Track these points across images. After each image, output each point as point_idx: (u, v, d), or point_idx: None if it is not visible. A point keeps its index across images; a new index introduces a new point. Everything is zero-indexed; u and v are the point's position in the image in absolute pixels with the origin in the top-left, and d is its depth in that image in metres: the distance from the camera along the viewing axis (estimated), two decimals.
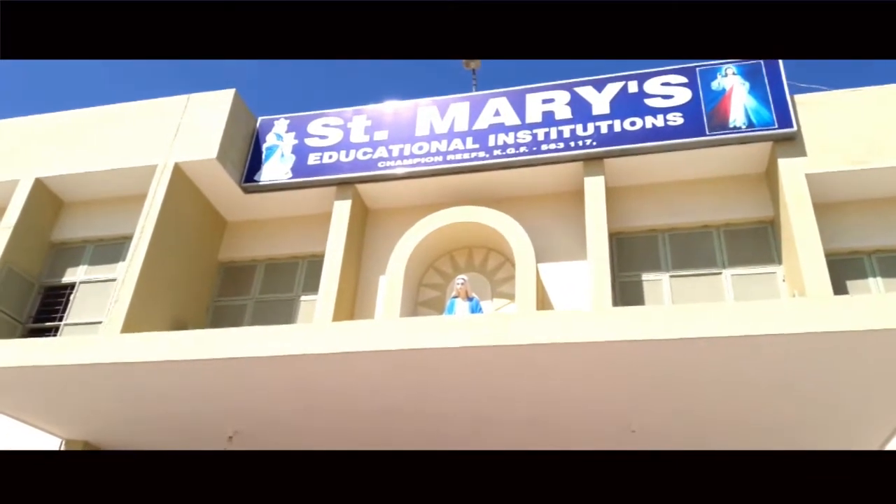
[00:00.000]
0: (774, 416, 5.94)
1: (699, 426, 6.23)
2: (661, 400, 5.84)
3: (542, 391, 5.88)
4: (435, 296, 9.59)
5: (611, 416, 6.16)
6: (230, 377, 6.05)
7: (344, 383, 6.03)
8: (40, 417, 7.23)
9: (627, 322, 5.10)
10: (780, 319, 4.80)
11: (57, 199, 10.77)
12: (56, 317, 9.89)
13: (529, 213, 9.58)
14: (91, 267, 10.30)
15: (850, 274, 8.41)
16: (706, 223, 9.14)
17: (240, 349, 5.71)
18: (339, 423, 6.78)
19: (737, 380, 5.41)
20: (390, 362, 5.64)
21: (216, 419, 6.85)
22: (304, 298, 10.08)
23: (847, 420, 5.91)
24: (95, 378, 6.27)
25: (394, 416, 6.55)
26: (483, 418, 6.42)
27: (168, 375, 6.09)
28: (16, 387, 6.58)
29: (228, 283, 10.57)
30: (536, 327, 5.27)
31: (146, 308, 9.10)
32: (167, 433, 7.34)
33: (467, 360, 5.52)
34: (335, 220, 9.81)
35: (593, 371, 5.51)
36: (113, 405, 6.80)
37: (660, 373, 5.42)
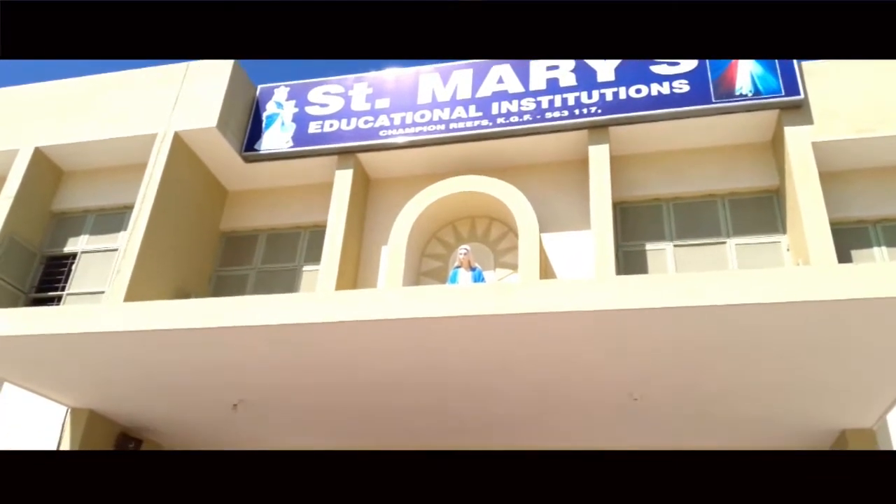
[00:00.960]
0: (776, 385, 5.95)
1: (701, 394, 6.24)
2: (663, 368, 5.84)
3: (545, 359, 5.87)
4: (437, 266, 9.58)
5: (613, 384, 6.17)
6: (234, 346, 6.06)
7: (347, 352, 6.03)
8: (46, 386, 7.25)
9: (630, 290, 5.08)
10: (783, 288, 4.76)
11: (57, 169, 10.71)
12: (59, 286, 9.90)
13: (533, 182, 9.51)
14: (92, 237, 10.28)
15: (854, 243, 8.37)
16: (711, 192, 9.08)
17: (243, 318, 5.70)
18: (343, 391, 6.80)
19: (739, 348, 5.40)
20: (393, 331, 5.63)
21: (221, 387, 6.87)
22: (306, 269, 10.07)
23: (848, 389, 5.92)
24: (99, 347, 6.27)
25: (397, 384, 6.56)
26: (486, 386, 6.44)
27: (172, 344, 6.09)
28: (21, 356, 6.60)
29: (230, 253, 10.55)
30: (539, 296, 5.24)
31: (148, 278, 9.09)
32: (172, 401, 7.37)
33: (470, 329, 5.50)
34: (337, 189, 9.75)
35: (596, 339, 5.51)
36: (117, 374, 6.81)
37: (663, 341, 5.41)
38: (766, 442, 7.16)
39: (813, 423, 6.65)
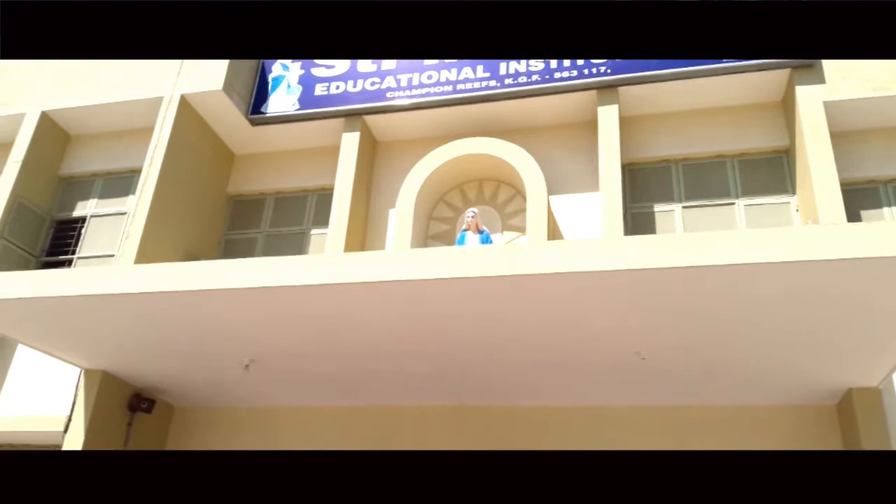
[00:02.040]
0: (783, 344, 5.97)
1: (708, 353, 6.27)
2: (670, 327, 5.87)
3: (553, 320, 5.91)
4: (445, 229, 9.58)
5: (621, 343, 6.20)
6: (244, 307, 6.11)
7: (356, 313, 6.08)
8: (59, 347, 7.35)
9: (638, 250, 5.07)
10: (791, 247, 4.75)
11: (63, 133, 10.70)
12: (69, 250, 9.96)
13: (541, 144, 9.46)
14: (101, 200, 10.31)
15: (865, 203, 8.31)
16: (720, 153, 9.01)
17: (253, 279, 5.74)
18: (352, 352, 6.87)
19: (746, 307, 5.41)
20: (401, 292, 5.67)
21: (232, 348, 6.95)
22: (314, 232, 10.09)
23: (855, 348, 5.94)
24: (112, 308, 6.34)
25: (405, 345, 6.62)
26: (494, 346, 6.49)
27: (184, 305, 6.15)
28: (34, 317, 6.68)
29: (238, 217, 10.58)
30: (547, 256, 5.25)
31: (158, 242, 9.14)
32: (184, 362, 7.46)
33: (478, 290, 5.53)
34: (343, 152, 9.72)
35: (604, 299, 5.53)
36: (130, 335, 6.89)
37: (670, 300, 5.43)
38: (772, 401, 7.22)
39: (819, 381, 6.70)
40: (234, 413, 8.77)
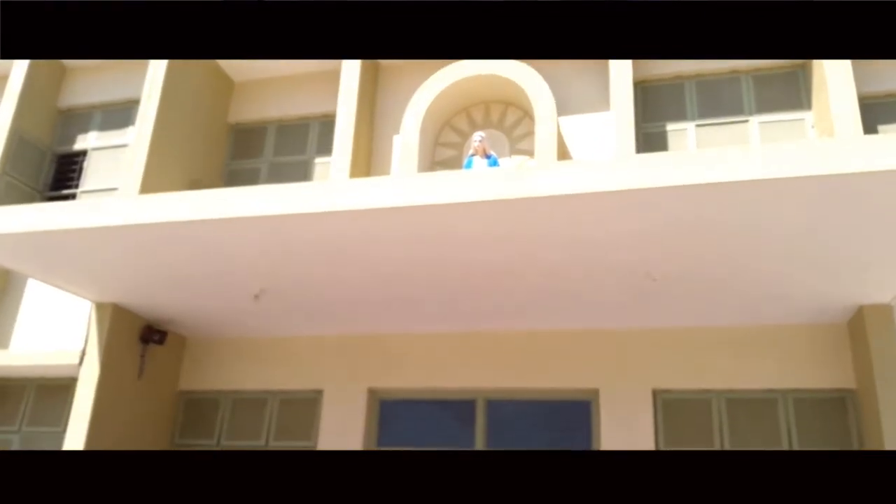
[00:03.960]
0: (795, 261, 5.89)
1: (719, 272, 6.20)
2: (682, 247, 5.79)
3: (563, 242, 5.83)
4: (452, 155, 9.41)
5: (632, 265, 6.14)
6: (252, 236, 6.04)
7: (364, 240, 6.01)
8: (68, 280, 7.35)
9: (649, 168, 4.94)
10: (804, 161, 4.61)
11: (59, 64, 10.44)
12: (72, 184, 9.87)
13: (549, 62, 9.15)
14: (101, 133, 10.15)
15: (883, 118, 8.08)
16: (734, 68, 8.71)
17: (260, 207, 5.64)
18: (361, 279, 6.84)
19: (758, 225, 5.30)
20: (409, 218, 5.58)
21: (242, 278, 6.93)
22: (318, 161, 9.93)
23: (867, 263, 5.87)
24: (118, 240, 6.29)
25: (415, 271, 6.58)
26: (504, 270, 6.44)
27: (191, 235, 6.09)
28: (41, 251, 6.64)
29: (240, 146, 10.41)
30: (557, 177, 5.13)
31: (160, 173, 9.02)
32: (194, 292, 7.47)
33: (487, 214, 5.44)
34: (345, 76, 9.45)
35: (615, 221, 5.42)
36: (138, 267, 6.87)
37: (682, 219, 5.32)
38: (783, 320, 7.20)
39: (830, 299, 6.66)
40: (245, 343, 8.83)
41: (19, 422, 8.67)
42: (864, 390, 6.81)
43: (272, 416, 8.58)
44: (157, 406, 8.50)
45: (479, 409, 8.12)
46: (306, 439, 8.34)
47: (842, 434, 7.02)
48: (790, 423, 7.16)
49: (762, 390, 7.28)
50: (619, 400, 7.54)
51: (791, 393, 7.23)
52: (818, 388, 7.14)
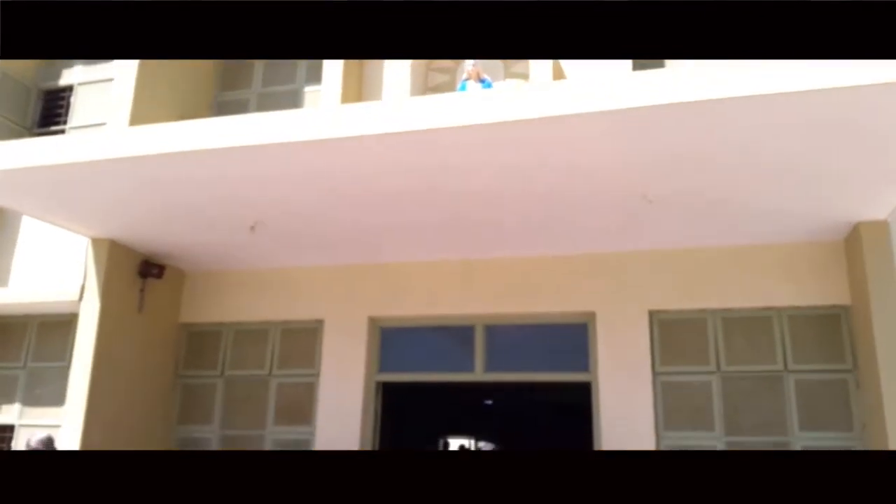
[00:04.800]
0: (791, 176, 5.83)
1: (715, 190, 6.16)
2: (678, 168, 5.74)
3: (558, 164, 5.78)
4: (445, 80, 9.23)
5: (627, 186, 6.11)
6: (245, 166, 5.98)
7: (359, 167, 5.95)
8: (63, 216, 7.32)
9: (648, 86, 4.85)
10: (800, 76, 4.53)
11: None
12: (60, 120, 9.70)
13: None
14: (86, 67, 9.90)
15: None
16: None
17: (252, 136, 5.56)
18: (357, 208, 6.81)
19: (754, 141, 5.23)
20: (404, 143, 5.51)
21: (237, 210, 6.89)
22: (307, 90, 9.74)
23: (863, 178, 5.83)
24: (111, 173, 6.22)
25: (409, 199, 6.55)
26: (498, 194, 6.40)
27: (183, 166, 6.02)
28: (34, 187, 6.59)
29: (229, 77, 10.17)
30: (553, 97, 5.04)
31: (148, 107, 8.86)
32: (190, 226, 7.44)
33: (483, 138, 5.37)
34: None
35: (611, 141, 5.37)
36: (132, 200, 6.82)
37: (679, 139, 5.27)
38: (780, 237, 7.23)
39: (827, 216, 6.67)
40: (245, 275, 8.87)
41: (24, 358, 8.78)
42: (858, 306, 6.90)
43: (274, 346, 8.69)
44: (160, 339, 8.60)
45: (477, 335, 8.23)
46: (309, 367, 8.48)
47: (835, 350, 7.14)
48: (785, 340, 7.28)
49: (758, 308, 7.36)
50: (616, 322, 7.63)
51: (786, 310, 7.32)
52: (813, 305, 7.23)
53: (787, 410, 7.11)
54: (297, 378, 8.51)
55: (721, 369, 7.35)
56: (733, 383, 7.30)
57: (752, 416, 7.18)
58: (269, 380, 8.59)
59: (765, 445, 7.08)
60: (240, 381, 8.69)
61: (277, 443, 8.36)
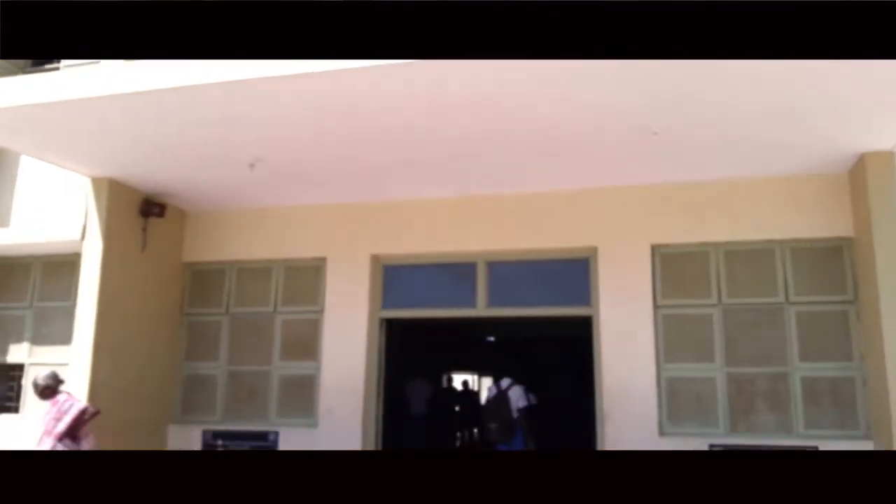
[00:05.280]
0: (795, 106, 5.70)
1: (718, 121, 6.06)
2: (684, 98, 5.64)
3: (562, 98, 5.68)
4: None
5: (632, 119, 6.02)
6: (244, 102, 5.88)
7: (358, 102, 5.85)
8: (60, 155, 7.25)
9: None
10: None
11: None
12: None
13: None
14: None
15: None
16: None
17: (249, 70, 5.45)
18: (357, 145, 6.73)
19: (758, 70, 5.12)
20: (402, 76, 5.40)
21: (236, 147, 6.82)
22: None
23: (869, 108, 5.74)
24: (107, 110, 6.13)
25: (407, 135, 6.46)
26: (500, 130, 6.32)
27: (182, 102, 5.92)
28: (29, 125, 6.50)
29: None
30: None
31: None
32: (189, 164, 7.38)
33: (481, 71, 5.25)
34: None
35: (613, 73, 5.25)
36: (130, 138, 6.74)
37: (683, 66, 5.14)
38: (784, 170, 7.18)
39: (832, 147, 6.59)
40: (247, 214, 8.86)
41: (30, 298, 8.85)
42: (860, 238, 6.89)
43: (278, 284, 8.74)
44: (164, 278, 8.65)
45: (479, 271, 8.26)
46: (313, 304, 8.55)
47: (836, 282, 7.17)
48: (786, 273, 7.31)
49: (760, 241, 7.36)
50: (618, 256, 7.65)
51: (789, 243, 7.32)
52: (816, 238, 7.22)
53: (787, 341, 7.19)
54: (301, 315, 8.59)
55: (722, 302, 7.40)
56: (734, 315, 7.36)
57: (752, 348, 7.26)
58: (273, 317, 8.68)
59: (764, 375, 7.19)
60: (245, 318, 8.78)
61: (283, 378, 8.50)
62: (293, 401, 8.43)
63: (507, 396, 8.59)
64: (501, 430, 8.44)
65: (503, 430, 8.44)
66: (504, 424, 8.43)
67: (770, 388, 7.17)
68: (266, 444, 8.27)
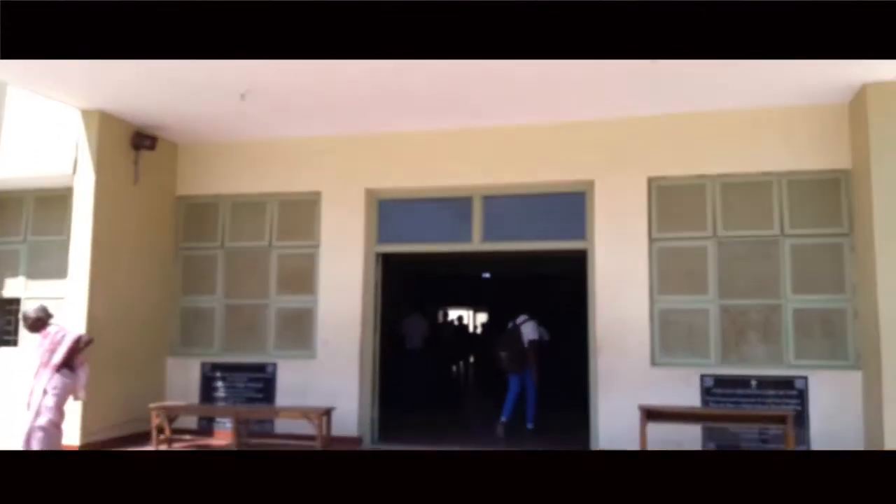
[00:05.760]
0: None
1: None
2: None
3: None
4: None
5: None
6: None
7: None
8: (49, 86, 7.10)
9: None
10: None
11: None
12: None
13: None
14: None
15: None
16: None
17: None
18: (349, 73, 6.59)
19: None
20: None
21: (227, 78, 6.68)
22: None
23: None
24: None
25: (405, 66, 6.32)
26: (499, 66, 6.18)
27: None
28: None
29: None
30: None
31: None
32: (179, 95, 7.22)
33: None
34: None
35: None
36: (118, 67, 6.58)
37: None
38: (784, 101, 7.08)
39: (833, 77, 6.49)
40: (239, 147, 8.76)
41: (24, 232, 8.81)
42: (858, 170, 6.86)
43: (273, 218, 8.71)
44: (158, 212, 8.60)
45: (475, 205, 8.23)
46: (309, 239, 8.54)
47: (832, 214, 7.17)
48: (783, 205, 7.30)
49: (757, 173, 7.33)
50: (614, 190, 7.61)
51: (786, 175, 7.29)
52: (814, 170, 7.19)
53: (781, 274, 7.23)
54: (297, 250, 8.59)
55: (717, 234, 7.41)
56: (729, 248, 7.39)
57: (746, 280, 7.31)
58: (269, 251, 8.67)
59: (757, 307, 7.26)
60: (240, 252, 8.77)
61: (281, 311, 8.55)
62: (291, 334, 8.51)
63: (520, 330, 9.04)
64: (511, 359, 8.95)
65: (513, 360, 8.95)
66: (514, 355, 8.94)
67: (762, 320, 7.25)
68: (265, 375, 8.39)
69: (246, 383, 8.48)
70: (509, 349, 8.99)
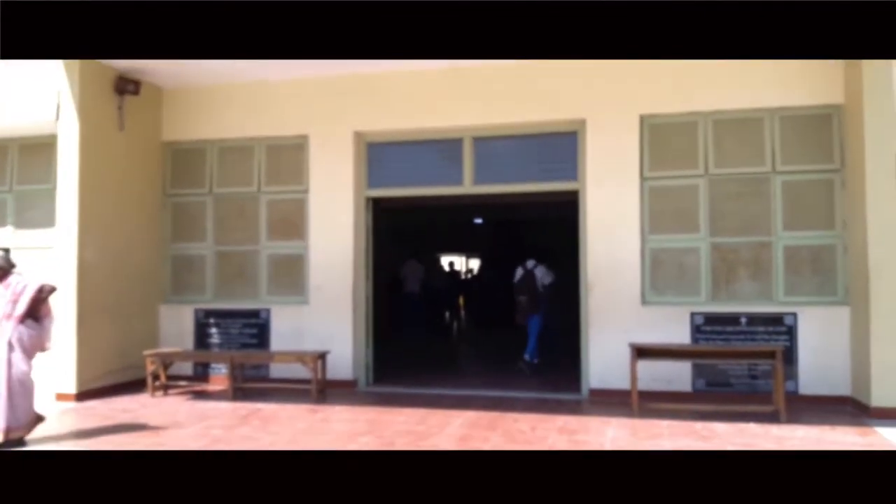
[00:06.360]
0: None
1: None
2: None
3: None
4: None
5: None
6: None
7: None
8: None
9: None
10: None
11: None
12: None
13: None
14: None
15: None
16: None
17: None
18: None
19: None
20: None
21: None
22: None
23: None
24: None
25: None
26: None
27: None
28: None
29: None
30: None
31: None
32: None
33: None
34: None
35: None
36: None
37: None
38: None
39: None
40: (224, 90, 8.61)
41: (9, 181, 8.69)
42: (851, 105, 6.80)
43: (260, 163, 8.61)
44: (144, 158, 8.49)
45: (466, 148, 8.14)
46: (298, 184, 8.46)
47: (824, 150, 7.13)
48: (774, 142, 7.25)
49: (749, 110, 7.25)
50: (606, 128, 7.53)
51: (778, 111, 7.22)
52: (806, 105, 7.12)
53: (771, 211, 7.23)
54: (286, 195, 8.52)
55: (709, 172, 7.38)
56: (720, 186, 7.36)
57: (737, 218, 7.31)
58: (258, 196, 8.61)
59: (748, 245, 7.28)
60: (229, 198, 8.70)
61: (272, 257, 8.54)
62: (283, 279, 8.51)
63: (534, 274, 9.51)
64: (530, 302, 9.47)
65: (531, 303, 9.47)
66: (532, 298, 9.48)
67: (753, 258, 7.28)
68: (258, 321, 8.42)
69: (240, 329, 8.52)
70: (528, 293, 9.45)
